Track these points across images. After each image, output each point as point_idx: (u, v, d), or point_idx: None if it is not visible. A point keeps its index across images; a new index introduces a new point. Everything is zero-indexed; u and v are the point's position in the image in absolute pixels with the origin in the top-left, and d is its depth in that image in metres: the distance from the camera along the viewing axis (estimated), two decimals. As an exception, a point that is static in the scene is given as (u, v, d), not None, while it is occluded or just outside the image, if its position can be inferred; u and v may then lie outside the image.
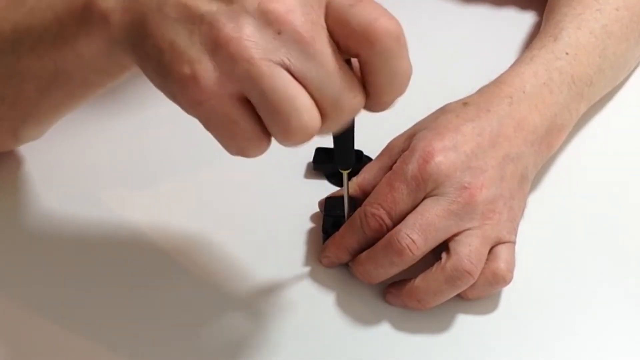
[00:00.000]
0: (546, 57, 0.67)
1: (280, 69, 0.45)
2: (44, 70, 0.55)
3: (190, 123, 0.68)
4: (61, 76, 0.55)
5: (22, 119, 0.60)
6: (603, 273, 0.63)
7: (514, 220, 0.61)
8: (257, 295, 0.61)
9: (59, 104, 0.58)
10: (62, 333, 0.60)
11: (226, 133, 0.47)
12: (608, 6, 0.70)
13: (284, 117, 0.46)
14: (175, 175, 0.69)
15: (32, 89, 0.56)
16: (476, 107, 0.63)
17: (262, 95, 0.45)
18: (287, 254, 0.64)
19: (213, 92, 0.45)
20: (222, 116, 0.46)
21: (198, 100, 0.46)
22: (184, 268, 0.63)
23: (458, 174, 0.59)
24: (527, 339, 0.60)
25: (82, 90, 0.57)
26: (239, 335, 0.59)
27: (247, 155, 0.48)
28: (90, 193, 0.67)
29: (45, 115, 0.60)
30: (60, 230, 0.65)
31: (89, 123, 0.71)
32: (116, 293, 0.62)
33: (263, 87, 0.45)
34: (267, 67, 0.45)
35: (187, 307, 0.61)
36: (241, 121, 0.46)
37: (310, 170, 0.69)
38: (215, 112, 0.46)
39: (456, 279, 0.58)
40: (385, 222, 0.60)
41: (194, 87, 0.46)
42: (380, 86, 0.48)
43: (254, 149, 0.48)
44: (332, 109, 0.47)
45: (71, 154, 0.70)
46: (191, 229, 0.65)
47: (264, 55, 0.45)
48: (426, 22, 0.81)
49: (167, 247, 0.64)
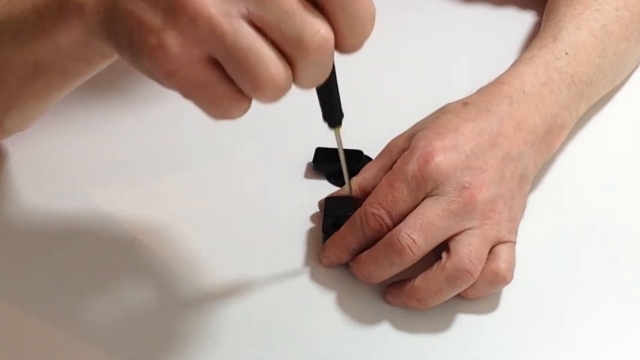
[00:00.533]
0: (546, 57, 0.67)
1: (241, 21, 0.45)
2: (23, 61, 0.56)
3: (189, 122, 0.68)
4: (41, 66, 0.55)
5: (5, 108, 0.60)
6: (603, 273, 0.63)
7: (514, 220, 0.61)
8: (257, 295, 0.61)
9: (41, 93, 0.59)
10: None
11: (204, 97, 0.47)
12: (608, 6, 0.70)
13: (251, 72, 0.46)
14: (173, 174, 0.69)
15: (13, 78, 0.57)
16: (476, 107, 0.63)
17: (227, 53, 0.45)
18: (287, 254, 0.64)
19: (181, 58, 0.46)
20: (196, 81, 0.46)
21: (170, 70, 0.46)
22: (183, 267, 0.63)
23: (458, 173, 0.59)
24: (527, 339, 0.60)
25: (63, 80, 0.57)
26: (239, 335, 0.59)
27: (230, 117, 0.48)
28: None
29: (28, 104, 0.60)
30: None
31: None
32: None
33: (226, 44, 0.45)
34: (228, 23, 0.45)
35: (185, 306, 0.61)
36: (216, 83, 0.47)
37: (310, 170, 0.69)
38: (189, 78, 0.46)
39: (456, 278, 0.58)
40: (386, 222, 0.60)
41: (163, 57, 0.46)
42: (342, 29, 0.47)
43: (235, 109, 0.48)
44: (297, 49, 0.46)
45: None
46: (190, 228, 0.65)
47: (222, 9, 0.45)
48: (426, 22, 0.81)
49: (165, 246, 0.64)
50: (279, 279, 0.62)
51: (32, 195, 0.67)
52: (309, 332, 0.60)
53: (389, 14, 0.76)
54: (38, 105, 0.60)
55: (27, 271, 0.63)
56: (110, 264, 0.63)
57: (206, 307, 0.60)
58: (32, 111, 0.61)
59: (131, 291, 0.62)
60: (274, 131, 0.70)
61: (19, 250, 0.64)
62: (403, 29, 0.79)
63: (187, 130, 0.71)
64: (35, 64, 0.56)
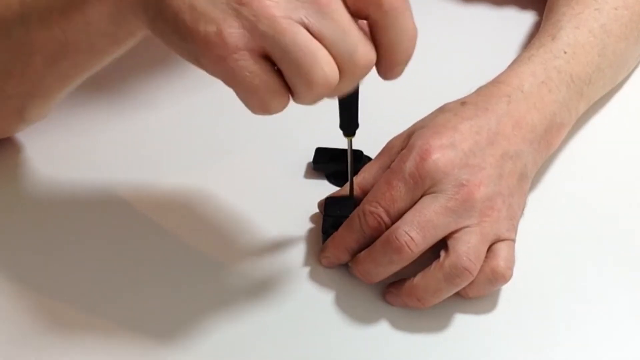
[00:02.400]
0: (544, 56, 0.67)
1: (300, 26, 0.48)
2: (52, 41, 0.57)
3: (189, 123, 0.68)
4: (69, 46, 0.57)
5: (29, 93, 0.61)
6: (603, 271, 0.63)
7: (513, 218, 0.61)
8: (257, 295, 0.61)
9: (65, 75, 0.60)
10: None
11: (249, 87, 0.49)
12: (607, 5, 0.71)
13: (306, 69, 0.49)
14: (174, 173, 0.69)
15: (40, 60, 0.58)
16: (474, 106, 0.63)
17: (284, 50, 0.48)
18: (287, 254, 0.64)
19: (237, 47, 0.48)
20: (245, 70, 0.49)
21: (222, 56, 0.48)
22: (182, 267, 0.63)
23: (456, 171, 0.59)
24: (527, 338, 0.60)
25: (89, 60, 0.58)
26: (239, 335, 0.59)
27: (269, 111, 0.50)
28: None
29: (51, 88, 0.61)
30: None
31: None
32: (114, 290, 0.62)
33: (286, 41, 0.48)
34: (289, 24, 0.48)
35: (183, 306, 0.61)
36: (264, 75, 0.49)
37: (310, 170, 0.69)
38: (239, 66, 0.48)
39: (455, 276, 0.58)
40: (384, 220, 0.60)
41: (218, 44, 0.48)
42: (390, 44, 0.51)
43: (276, 104, 0.50)
44: (348, 63, 0.50)
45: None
46: (190, 228, 0.65)
47: (285, 13, 0.48)
48: (426, 21, 0.81)
49: (164, 246, 0.64)
50: (279, 279, 0.62)
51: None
52: (308, 332, 0.60)
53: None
54: (61, 90, 0.62)
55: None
56: (110, 263, 0.63)
57: (205, 307, 0.60)
58: (54, 97, 0.63)
59: (129, 289, 0.62)
60: (274, 131, 0.70)
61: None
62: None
63: (188, 131, 0.71)
64: (63, 44, 0.57)
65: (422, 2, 0.83)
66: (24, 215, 0.67)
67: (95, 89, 0.71)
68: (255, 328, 0.60)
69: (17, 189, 0.68)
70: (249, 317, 0.60)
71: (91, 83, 0.62)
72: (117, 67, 0.61)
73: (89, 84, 0.62)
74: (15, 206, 0.67)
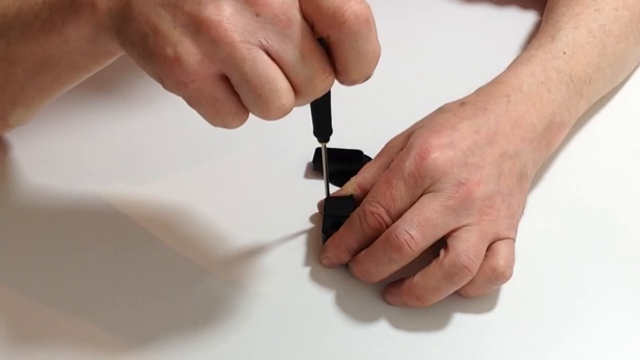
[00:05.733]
0: (543, 56, 0.67)
1: (260, 51, 0.48)
2: (32, 55, 0.57)
3: (190, 122, 0.69)
4: (48, 61, 0.57)
5: (11, 102, 0.61)
6: (603, 271, 0.63)
7: (513, 217, 0.61)
8: (257, 296, 0.61)
9: (47, 87, 0.60)
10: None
11: (210, 110, 0.50)
12: (606, 6, 0.71)
13: (264, 100, 0.49)
14: (173, 173, 0.69)
15: (21, 72, 0.59)
16: (473, 106, 0.63)
17: (243, 78, 0.48)
18: (287, 254, 0.64)
19: (196, 73, 0.48)
20: (207, 95, 0.49)
21: (183, 81, 0.48)
22: (182, 268, 0.63)
23: (455, 170, 0.59)
24: (526, 337, 0.60)
25: (69, 74, 0.59)
26: (239, 334, 0.59)
27: (229, 127, 0.51)
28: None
29: (33, 99, 0.61)
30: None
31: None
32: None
33: (245, 70, 0.48)
34: (248, 50, 0.48)
35: (184, 306, 0.61)
36: (225, 99, 0.49)
37: (310, 170, 0.69)
38: (200, 91, 0.49)
39: (454, 274, 0.58)
40: (384, 220, 0.60)
41: (177, 69, 0.48)
42: (348, 65, 0.51)
43: (236, 122, 0.51)
44: (306, 88, 0.50)
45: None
46: (190, 228, 0.65)
47: (244, 37, 0.48)
48: (426, 22, 0.82)
49: (163, 246, 0.64)
50: (279, 279, 0.62)
51: (34, 186, 0.68)
52: (308, 331, 0.60)
53: (390, 14, 0.77)
54: (43, 100, 0.62)
55: (26, 263, 0.63)
56: (108, 261, 0.63)
57: (205, 307, 0.61)
58: (37, 106, 0.63)
59: (128, 290, 0.62)
60: (274, 131, 0.70)
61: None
62: (403, 29, 0.80)
63: (188, 131, 0.71)
64: (43, 59, 0.57)
65: (422, 2, 0.83)
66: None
67: (89, 89, 0.70)
68: (255, 328, 0.60)
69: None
70: (249, 317, 0.60)
71: (86, 83, 0.62)
72: (114, 67, 0.61)
73: (84, 84, 0.61)
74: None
